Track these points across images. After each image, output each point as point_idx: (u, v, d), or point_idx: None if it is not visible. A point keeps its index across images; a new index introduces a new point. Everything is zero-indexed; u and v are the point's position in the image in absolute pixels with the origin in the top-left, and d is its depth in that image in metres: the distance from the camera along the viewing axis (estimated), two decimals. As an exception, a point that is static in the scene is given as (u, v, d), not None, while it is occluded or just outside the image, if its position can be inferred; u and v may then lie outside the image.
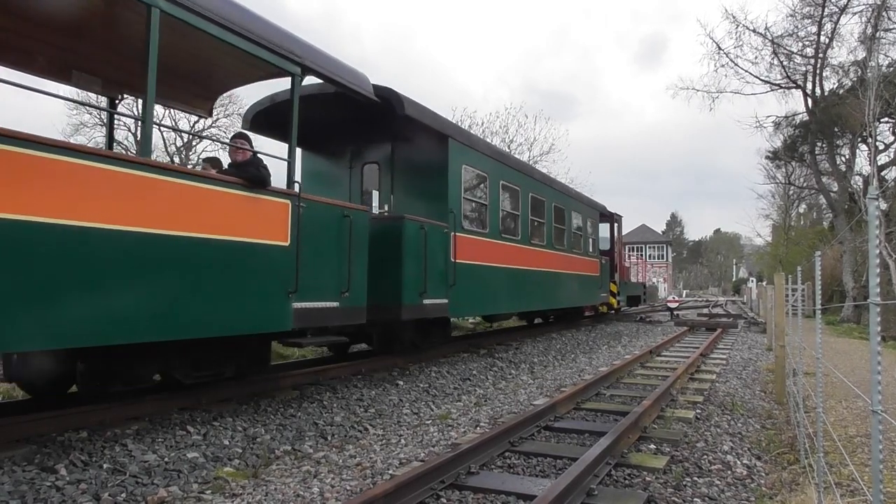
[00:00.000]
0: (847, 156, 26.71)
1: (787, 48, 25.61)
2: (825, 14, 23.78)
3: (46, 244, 3.89)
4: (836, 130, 25.38)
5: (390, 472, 4.54)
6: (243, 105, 27.41)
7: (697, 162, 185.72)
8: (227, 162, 6.17)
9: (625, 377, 9.03)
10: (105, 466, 4.26)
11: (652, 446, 5.28)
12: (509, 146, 28.18)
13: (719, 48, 26.39)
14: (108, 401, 5.38)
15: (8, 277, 3.71)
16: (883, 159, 24.05)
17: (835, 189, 26.79)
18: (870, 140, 21.33)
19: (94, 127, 29.67)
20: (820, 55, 24.87)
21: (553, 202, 13.73)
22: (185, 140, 33.93)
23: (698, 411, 6.65)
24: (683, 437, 5.54)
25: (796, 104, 32.63)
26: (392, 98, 7.99)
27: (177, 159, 32.46)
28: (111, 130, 7.62)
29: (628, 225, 79.71)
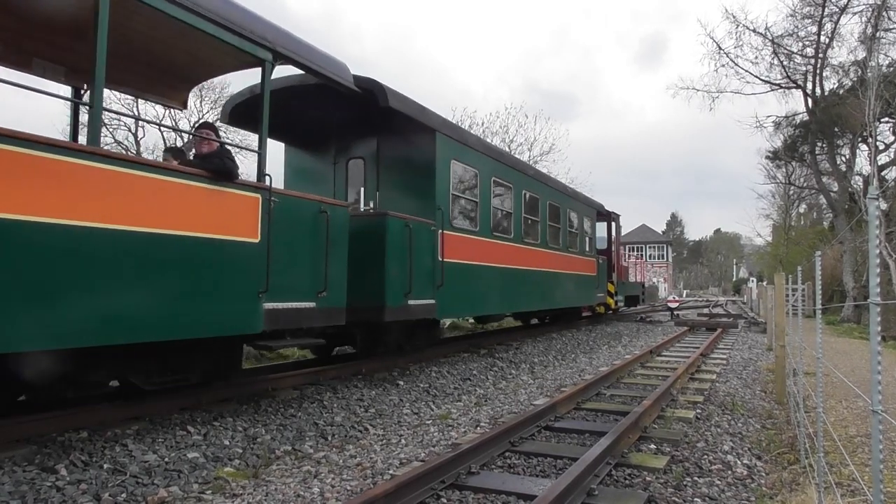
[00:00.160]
0: (847, 156, 26.77)
1: (788, 48, 25.70)
2: (825, 14, 23.85)
3: None
4: (837, 130, 25.41)
5: (391, 472, 4.54)
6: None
7: (697, 162, 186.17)
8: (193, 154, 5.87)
9: (625, 377, 9.03)
10: (105, 466, 4.26)
11: (652, 446, 5.28)
12: (509, 146, 28.20)
13: (719, 48, 26.50)
14: (109, 401, 5.39)
15: None
16: (883, 159, 24.10)
17: (835, 189, 26.81)
18: (870, 140, 21.33)
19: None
20: (820, 55, 24.92)
21: (548, 200, 13.45)
22: (186, 140, 33.99)
23: (698, 411, 6.65)
24: (684, 437, 5.54)
25: (796, 104, 32.71)
26: (374, 89, 7.67)
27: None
28: (76, 121, 7.01)
29: (628, 225, 79.94)
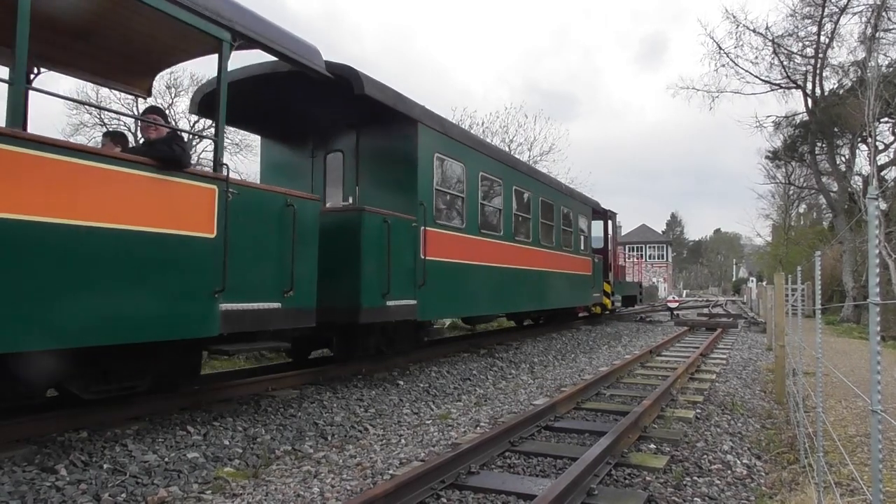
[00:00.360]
0: (847, 156, 26.78)
1: (788, 48, 25.71)
2: (825, 14, 23.86)
3: None
4: (836, 130, 25.42)
5: (390, 472, 4.54)
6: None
7: (697, 162, 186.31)
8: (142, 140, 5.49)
9: (625, 377, 9.03)
10: (105, 466, 4.26)
11: (652, 446, 5.28)
12: (509, 146, 28.22)
13: (720, 48, 26.50)
14: (109, 401, 5.38)
15: None
16: (883, 159, 24.12)
17: (835, 189, 26.81)
18: (870, 140, 21.34)
19: (94, 127, 29.59)
20: (820, 55, 24.93)
21: (540, 196, 13.02)
22: (186, 140, 33.88)
23: (698, 411, 6.65)
24: (683, 437, 5.54)
25: (796, 104, 32.75)
26: (349, 76, 7.19)
27: None
28: (25, 108, 6.80)
29: (628, 225, 79.94)
